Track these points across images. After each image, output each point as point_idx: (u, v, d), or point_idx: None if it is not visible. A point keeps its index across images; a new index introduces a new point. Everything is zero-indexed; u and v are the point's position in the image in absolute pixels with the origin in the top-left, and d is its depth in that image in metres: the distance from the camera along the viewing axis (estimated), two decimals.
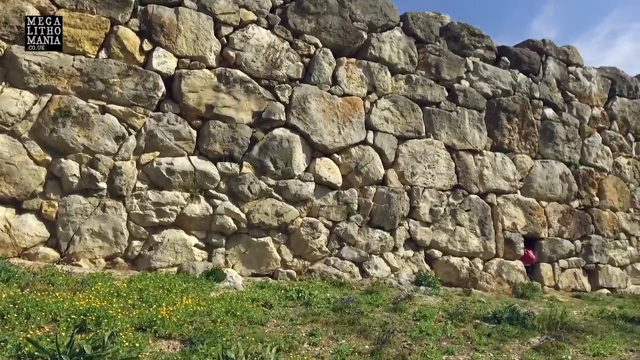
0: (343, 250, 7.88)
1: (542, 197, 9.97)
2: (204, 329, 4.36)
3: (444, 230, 8.80)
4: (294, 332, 4.67)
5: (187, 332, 4.27)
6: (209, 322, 4.56)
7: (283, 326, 4.87)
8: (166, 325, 4.25)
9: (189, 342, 4.10)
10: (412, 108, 8.98)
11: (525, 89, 10.37)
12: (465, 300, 7.04)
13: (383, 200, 8.30)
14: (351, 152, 8.29)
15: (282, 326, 4.87)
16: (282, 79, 7.94)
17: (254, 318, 4.89)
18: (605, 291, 10.21)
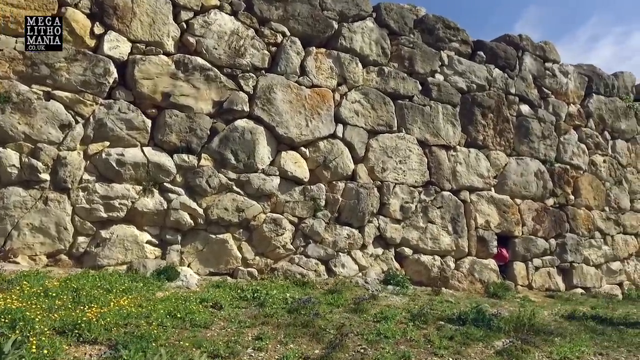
0: (309, 248, 7.50)
1: (517, 195, 9.72)
2: (137, 332, 3.94)
3: (415, 227, 8.48)
4: (239, 336, 4.27)
5: (116, 337, 3.84)
6: (144, 325, 4.13)
7: (229, 329, 4.47)
8: (93, 329, 3.82)
9: (116, 347, 3.67)
10: (383, 101, 8.64)
11: (500, 85, 10.11)
12: (432, 300, 6.72)
13: (352, 196, 7.94)
14: (319, 145, 7.91)
15: (228, 329, 4.47)
16: (246, 67, 7.53)
17: (197, 320, 4.48)
18: (580, 291, 10.01)
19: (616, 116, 11.75)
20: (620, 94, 12.17)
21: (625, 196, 11.35)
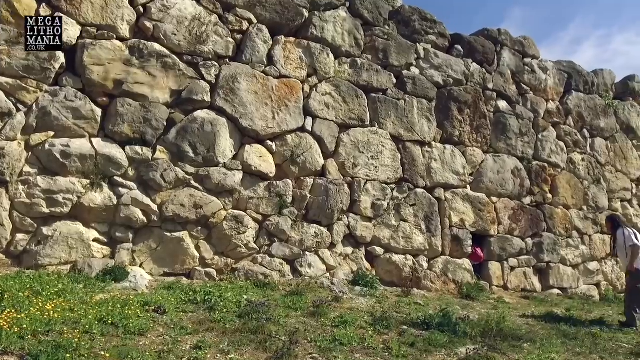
0: (273, 247, 7.09)
1: (493, 193, 9.43)
2: (58, 341, 3.50)
3: (387, 226, 8.13)
4: (176, 345, 3.85)
5: (32, 346, 3.39)
6: (68, 333, 3.69)
7: (167, 337, 4.05)
8: (3, 338, 3.37)
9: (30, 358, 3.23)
10: (356, 94, 8.26)
11: (478, 80, 9.80)
12: (400, 302, 6.37)
13: (321, 193, 7.56)
14: (287, 139, 7.51)
15: (165, 337, 4.05)
16: (209, 55, 7.08)
17: (132, 327, 4.04)
18: (556, 291, 9.77)
19: (595, 114, 11.54)
20: (600, 91, 11.97)
21: (603, 195, 11.14)
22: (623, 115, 12.13)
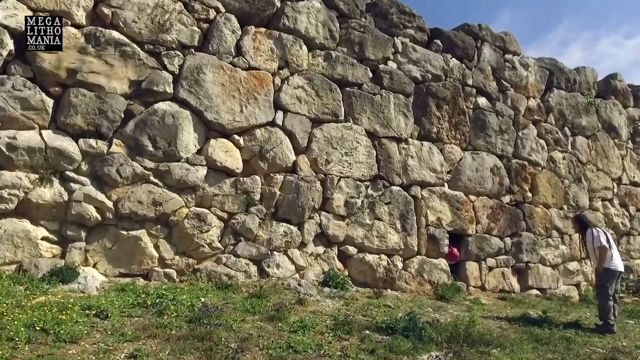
0: (239, 246, 6.76)
1: (471, 191, 9.19)
2: None
3: (361, 224, 7.84)
4: (110, 354, 3.51)
5: None
6: None
7: (102, 344, 3.70)
8: None
9: None
10: (330, 88, 7.95)
11: (457, 75, 9.55)
12: (370, 305, 6.08)
13: (291, 190, 7.24)
14: (255, 133, 7.18)
15: (101, 344, 3.70)
16: (172, 45, 6.72)
17: (66, 333, 3.70)
18: (535, 292, 9.57)
19: (577, 112, 11.37)
20: (582, 89, 11.81)
21: (584, 194, 10.97)
22: (605, 114, 11.99)
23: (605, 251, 6.31)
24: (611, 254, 6.32)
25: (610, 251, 6.32)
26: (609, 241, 6.35)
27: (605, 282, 6.28)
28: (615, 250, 6.46)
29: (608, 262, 6.30)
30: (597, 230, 6.51)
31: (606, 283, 6.26)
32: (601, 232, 6.47)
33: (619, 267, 6.34)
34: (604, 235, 6.42)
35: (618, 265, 6.34)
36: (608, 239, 6.36)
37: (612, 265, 6.32)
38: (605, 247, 6.32)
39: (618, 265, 6.34)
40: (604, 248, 6.32)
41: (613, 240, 6.63)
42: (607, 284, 6.25)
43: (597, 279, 6.47)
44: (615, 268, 6.30)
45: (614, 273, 6.30)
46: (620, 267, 6.38)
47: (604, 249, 6.32)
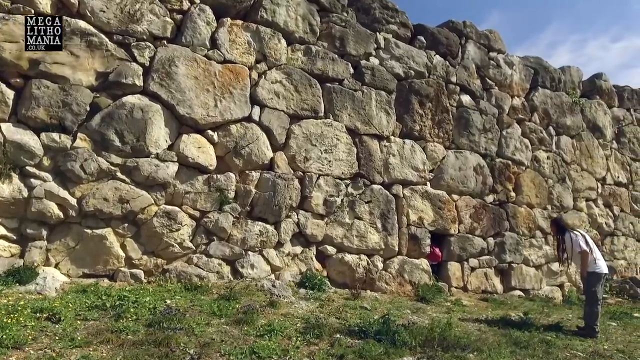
0: (211, 246, 6.50)
1: (454, 190, 9.02)
2: None
3: (340, 224, 7.62)
4: None
5: None
6: None
7: (50, 350, 3.44)
8: None
9: None
10: (309, 83, 7.72)
11: (441, 73, 9.37)
12: (346, 306, 5.86)
13: (268, 188, 7.00)
14: (230, 129, 6.92)
15: (48, 350, 3.44)
16: (142, 36, 6.44)
17: (9, 338, 3.43)
18: (518, 293, 9.44)
19: (562, 111, 11.27)
20: (567, 88, 11.72)
21: (568, 194, 10.87)
22: (589, 114, 11.91)
23: (586, 255, 6.15)
24: (594, 257, 6.16)
25: (592, 254, 6.16)
26: (588, 244, 6.19)
27: (592, 285, 6.13)
28: (597, 252, 6.30)
29: (592, 265, 6.15)
30: (575, 233, 6.34)
31: (594, 287, 6.10)
32: (579, 235, 6.31)
33: (603, 269, 6.19)
34: (583, 239, 6.27)
35: (602, 268, 6.19)
36: (587, 242, 6.21)
37: (597, 268, 6.13)
38: (585, 250, 6.15)
39: (602, 268, 6.19)
40: (585, 252, 6.15)
41: (593, 242, 6.44)
42: (595, 288, 6.09)
43: (585, 284, 6.32)
44: (600, 271, 6.14)
45: (599, 276, 6.12)
46: (605, 269, 6.23)
47: (584, 253, 6.15)
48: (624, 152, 12.47)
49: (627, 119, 12.79)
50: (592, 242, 6.34)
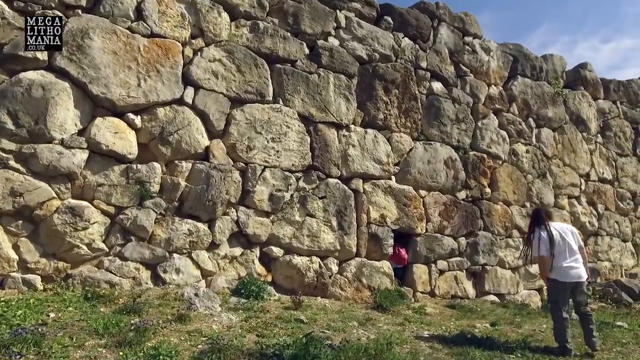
0: (127, 247, 5.57)
1: (422, 186, 8.13)
2: None
3: (289, 222, 6.71)
4: None
5: None
6: None
7: None
8: None
9: None
10: (255, 63, 6.80)
11: (410, 57, 8.48)
12: (279, 319, 4.95)
13: (200, 181, 6.08)
14: (157, 113, 6.00)
15: None
16: (50, 3, 5.48)
17: None
18: (492, 298, 8.58)
19: (543, 102, 10.42)
20: (549, 78, 10.87)
21: (549, 191, 10.03)
22: (573, 105, 11.07)
23: (542, 262, 5.05)
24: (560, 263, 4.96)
25: (550, 259, 4.95)
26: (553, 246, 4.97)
27: (552, 296, 5.11)
28: (569, 255, 5.01)
29: (553, 271, 4.95)
30: (546, 231, 5.08)
31: (554, 297, 5.04)
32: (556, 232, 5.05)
33: (567, 277, 4.92)
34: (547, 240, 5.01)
35: (566, 275, 4.92)
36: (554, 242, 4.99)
37: (559, 276, 4.93)
38: (542, 257, 5.01)
39: (566, 275, 4.92)
40: (540, 258, 5.07)
41: (575, 241, 5.15)
42: (555, 299, 5.00)
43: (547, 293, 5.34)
44: (562, 279, 4.92)
45: (561, 285, 4.94)
46: (570, 277, 4.92)
47: (540, 259, 5.06)
48: (609, 147, 11.65)
49: (613, 111, 11.97)
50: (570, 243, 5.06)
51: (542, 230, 5.12)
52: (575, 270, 5.00)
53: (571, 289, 5.02)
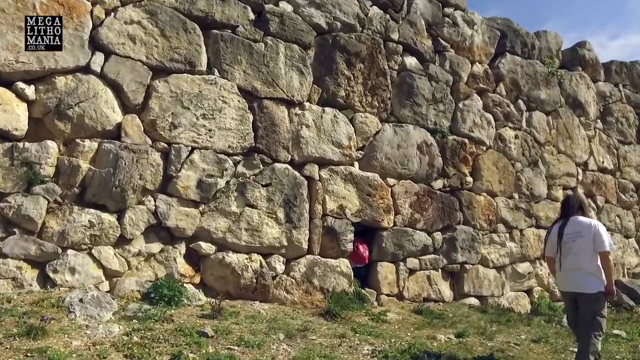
0: (7, 242, 4.52)
1: (390, 173, 7.01)
2: None
3: (224, 213, 5.64)
4: None
5: None
6: None
7: None
8: None
9: None
10: (184, 27, 5.73)
11: (378, 27, 7.35)
12: (178, 331, 3.87)
13: (108, 163, 5.02)
14: (56, 82, 4.95)
15: None
16: None
17: None
18: (472, 301, 7.43)
19: (535, 83, 9.21)
20: (543, 57, 9.64)
21: (541, 181, 8.83)
22: (569, 87, 9.84)
23: (548, 262, 4.37)
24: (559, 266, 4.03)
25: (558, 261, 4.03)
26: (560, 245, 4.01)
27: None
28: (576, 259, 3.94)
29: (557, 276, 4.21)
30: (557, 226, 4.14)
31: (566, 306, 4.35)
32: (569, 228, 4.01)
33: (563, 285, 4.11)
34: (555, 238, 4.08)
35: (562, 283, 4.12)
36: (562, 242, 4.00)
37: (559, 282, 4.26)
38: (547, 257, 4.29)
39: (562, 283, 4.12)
40: (547, 258, 4.30)
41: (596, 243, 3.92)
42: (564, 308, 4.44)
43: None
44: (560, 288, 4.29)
45: (564, 294, 4.25)
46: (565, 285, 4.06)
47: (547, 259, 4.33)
48: (610, 134, 10.40)
49: (615, 95, 10.70)
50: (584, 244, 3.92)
51: (558, 224, 4.13)
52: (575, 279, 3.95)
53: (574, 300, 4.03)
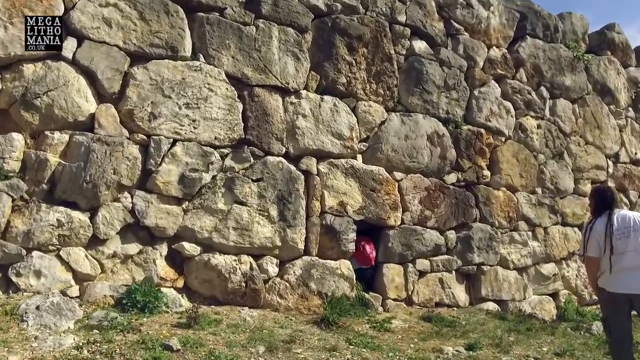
0: None
1: (397, 167, 6.38)
2: None
3: (210, 211, 5.12)
4: None
5: None
6: None
7: None
8: None
9: None
10: (166, 10, 5.25)
11: (383, 9, 6.73)
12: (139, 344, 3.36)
13: (79, 157, 4.57)
14: (23, 70, 4.54)
15: None
16: None
17: None
18: (490, 305, 6.71)
19: (559, 68, 8.40)
20: (567, 40, 8.82)
21: (566, 174, 8.03)
22: (597, 73, 8.98)
23: (588, 264, 3.66)
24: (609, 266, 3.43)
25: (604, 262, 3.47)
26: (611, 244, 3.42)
27: (602, 312, 3.82)
28: (618, 256, 3.42)
29: (602, 279, 3.53)
30: (602, 222, 3.52)
31: (604, 314, 3.73)
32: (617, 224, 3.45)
33: (616, 287, 3.42)
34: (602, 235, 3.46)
35: (614, 285, 3.43)
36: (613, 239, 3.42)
37: (606, 284, 3.49)
38: (589, 257, 3.58)
39: (614, 285, 3.43)
40: (588, 259, 3.62)
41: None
42: (605, 316, 3.70)
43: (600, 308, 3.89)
44: (610, 289, 3.47)
45: (608, 296, 3.51)
46: (620, 287, 3.41)
47: (588, 259, 3.64)
48: None
49: None
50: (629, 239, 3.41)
51: (600, 219, 3.52)
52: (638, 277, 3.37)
53: (630, 303, 3.42)
